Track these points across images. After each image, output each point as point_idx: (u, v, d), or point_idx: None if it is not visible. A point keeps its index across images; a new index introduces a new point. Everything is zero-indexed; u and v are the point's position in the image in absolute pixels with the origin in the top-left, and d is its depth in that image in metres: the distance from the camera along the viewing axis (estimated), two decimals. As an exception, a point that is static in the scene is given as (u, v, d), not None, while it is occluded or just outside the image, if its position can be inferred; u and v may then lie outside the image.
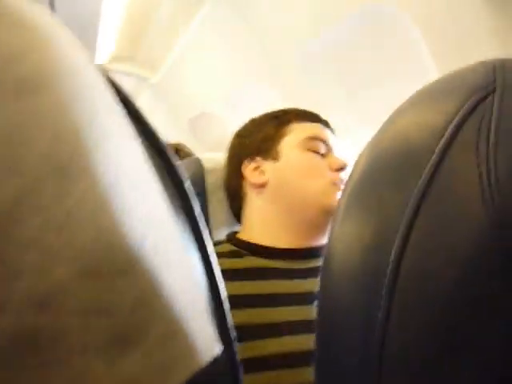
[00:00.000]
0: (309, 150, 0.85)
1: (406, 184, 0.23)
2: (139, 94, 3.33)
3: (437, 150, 0.23)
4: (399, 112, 0.28)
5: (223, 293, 0.23)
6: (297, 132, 0.88)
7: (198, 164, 1.06)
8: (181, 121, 2.81)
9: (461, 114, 0.23)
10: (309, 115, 0.92)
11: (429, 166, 0.22)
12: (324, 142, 0.87)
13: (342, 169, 0.85)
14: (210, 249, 0.23)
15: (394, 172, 0.24)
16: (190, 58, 2.19)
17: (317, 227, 0.83)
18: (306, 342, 0.72)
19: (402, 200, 0.23)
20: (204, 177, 1.03)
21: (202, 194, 1.02)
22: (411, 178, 0.23)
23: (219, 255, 0.81)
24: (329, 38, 1.15)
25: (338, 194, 0.83)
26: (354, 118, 1.28)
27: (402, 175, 0.23)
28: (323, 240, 0.85)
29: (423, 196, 0.22)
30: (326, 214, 0.82)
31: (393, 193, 0.23)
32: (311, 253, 0.83)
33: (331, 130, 0.93)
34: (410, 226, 0.22)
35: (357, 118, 1.27)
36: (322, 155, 0.86)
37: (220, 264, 0.76)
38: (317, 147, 0.86)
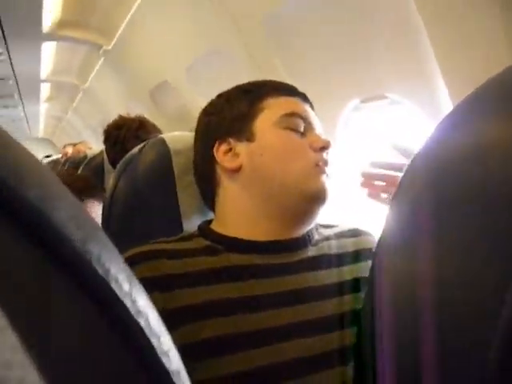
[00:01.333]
0: (287, 128, 0.77)
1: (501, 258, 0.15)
2: (93, 63, 3.13)
3: None
4: (467, 121, 0.20)
5: None
6: (273, 108, 0.79)
7: (164, 144, 0.96)
8: (141, 91, 2.65)
9: None
10: (285, 88, 0.83)
11: None
12: (303, 118, 0.79)
13: (324, 148, 0.77)
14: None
15: (476, 228, 0.16)
16: (145, 22, 2.03)
17: (299, 215, 0.76)
18: (299, 347, 0.66)
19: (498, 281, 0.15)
20: (171, 159, 0.93)
21: (169, 179, 0.92)
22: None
23: (191, 252, 0.73)
24: (300, 2, 1.05)
25: (322, 177, 0.75)
26: (322, 92, 1.20)
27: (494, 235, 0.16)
28: (307, 229, 0.77)
29: None
30: (310, 201, 0.74)
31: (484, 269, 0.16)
32: (294, 244, 0.75)
33: (310, 104, 0.84)
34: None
35: (323, 91, 1.19)
36: (302, 134, 0.78)
37: (195, 264, 0.69)
38: (295, 125, 0.78)
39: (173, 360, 0.14)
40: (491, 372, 0.15)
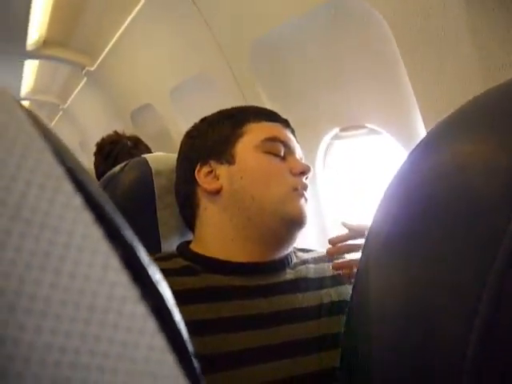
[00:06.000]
0: (267, 152, 0.79)
1: (480, 254, 0.16)
2: (75, 83, 3.13)
3: None
4: (443, 141, 0.22)
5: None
6: (254, 133, 0.80)
7: (146, 165, 0.96)
8: (122, 112, 2.65)
9: None
10: (267, 114, 0.86)
11: (511, 228, 0.16)
12: (284, 143, 0.81)
13: (303, 173, 0.79)
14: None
15: (457, 236, 0.17)
16: (131, 45, 2.05)
17: (278, 238, 0.77)
18: (272, 370, 0.66)
19: (476, 276, 0.16)
20: (152, 179, 0.94)
21: (149, 199, 0.93)
22: (487, 247, 0.16)
23: (170, 272, 0.72)
24: (284, 31, 1.08)
25: (301, 201, 0.77)
26: (304, 119, 1.23)
27: (472, 243, 0.17)
28: (285, 252, 0.78)
29: (506, 273, 0.16)
30: (288, 224, 0.75)
31: (462, 264, 0.17)
32: (273, 267, 0.76)
33: (291, 130, 0.86)
34: (494, 315, 0.16)
35: (305, 118, 1.22)
36: (282, 158, 0.80)
37: (172, 284, 0.68)
38: (276, 149, 0.79)
39: (184, 329, 0.15)
40: (469, 368, 0.16)
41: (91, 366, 0.09)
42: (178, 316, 0.15)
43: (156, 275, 0.14)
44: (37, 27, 2.20)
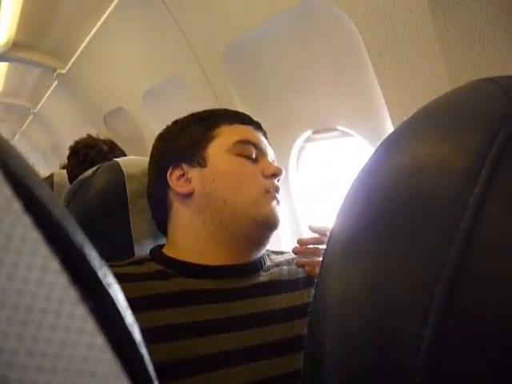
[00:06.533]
0: (239, 155, 0.79)
1: (434, 252, 0.17)
2: (46, 86, 3.07)
3: (471, 203, 0.17)
4: (403, 141, 0.22)
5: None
6: (226, 135, 0.81)
7: (118, 168, 0.95)
8: (95, 115, 2.62)
9: (494, 151, 0.18)
10: (239, 117, 0.86)
11: (463, 226, 0.17)
12: (255, 145, 0.81)
13: (275, 175, 0.79)
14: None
15: (413, 235, 0.18)
16: (103, 47, 2.03)
17: (250, 241, 0.77)
18: (249, 372, 0.66)
19: (430, 273, 0.17)
20: (124, 183, 0.93)
21: (122, 203, 0.92)
22: (440, 245, 0.17)
23: (143, 277, 0.72)
24: (256, 35, 1.09)
25: (273, 203, 0.77)
26: (276, 122, 1.24)
27: (427, 241, 0.17)
28: (258, 255, 0.79)
29: (458, 270, 0.16)
30: (260, 226, 0.76)
31: (418, 260, 0.17)
32: (246, 269, 0.76)
33: (263, 132, 0.87)
34: (446, 312, 0.16)
35: (277, 121, 1.23)
36: (254, 160, 0.80)
37: (145, 288, 0.68)
38: (248, 152, 0.79)
39: (137, 332, 0.15)
40: (421, 364, 0.17)
41: (29, 365, 0.09)
42: (129, 318, 0.15)
43: (107, 278, 0.14)
44: (6, 28, 2.16)
